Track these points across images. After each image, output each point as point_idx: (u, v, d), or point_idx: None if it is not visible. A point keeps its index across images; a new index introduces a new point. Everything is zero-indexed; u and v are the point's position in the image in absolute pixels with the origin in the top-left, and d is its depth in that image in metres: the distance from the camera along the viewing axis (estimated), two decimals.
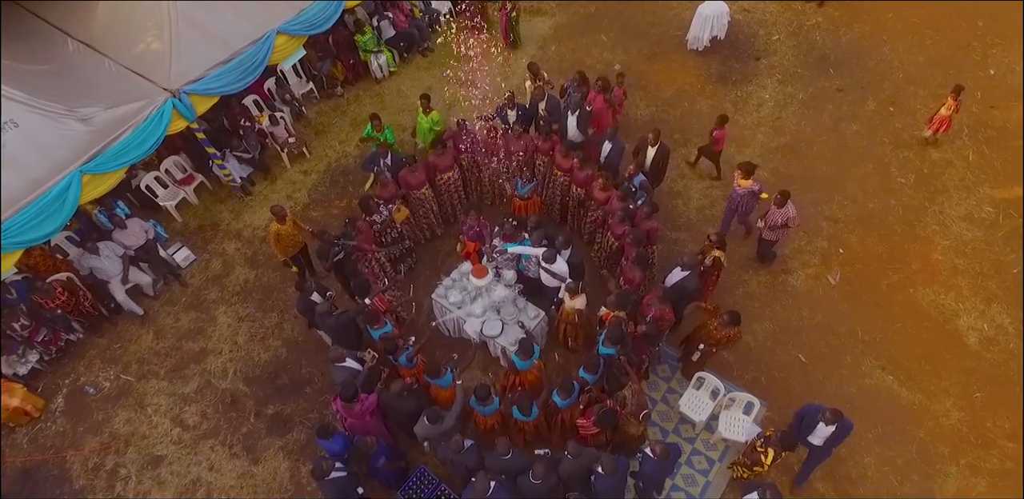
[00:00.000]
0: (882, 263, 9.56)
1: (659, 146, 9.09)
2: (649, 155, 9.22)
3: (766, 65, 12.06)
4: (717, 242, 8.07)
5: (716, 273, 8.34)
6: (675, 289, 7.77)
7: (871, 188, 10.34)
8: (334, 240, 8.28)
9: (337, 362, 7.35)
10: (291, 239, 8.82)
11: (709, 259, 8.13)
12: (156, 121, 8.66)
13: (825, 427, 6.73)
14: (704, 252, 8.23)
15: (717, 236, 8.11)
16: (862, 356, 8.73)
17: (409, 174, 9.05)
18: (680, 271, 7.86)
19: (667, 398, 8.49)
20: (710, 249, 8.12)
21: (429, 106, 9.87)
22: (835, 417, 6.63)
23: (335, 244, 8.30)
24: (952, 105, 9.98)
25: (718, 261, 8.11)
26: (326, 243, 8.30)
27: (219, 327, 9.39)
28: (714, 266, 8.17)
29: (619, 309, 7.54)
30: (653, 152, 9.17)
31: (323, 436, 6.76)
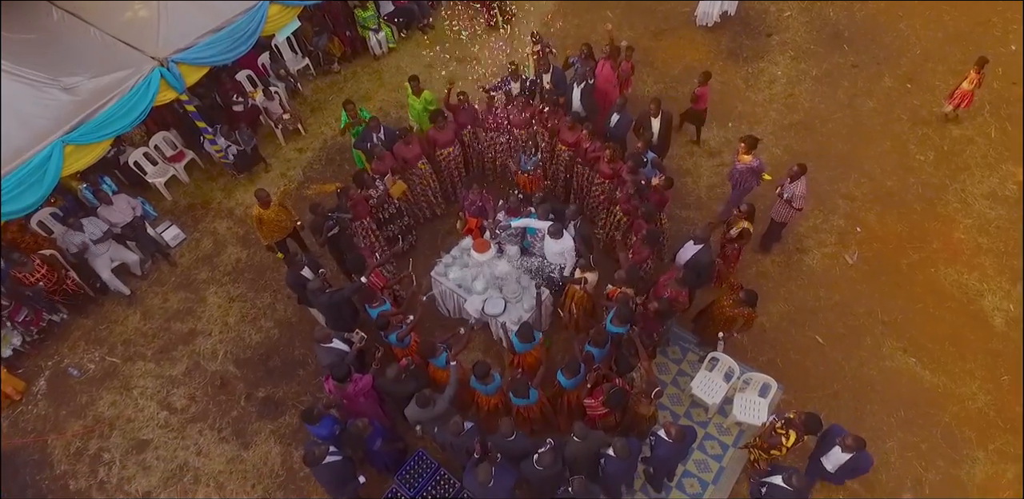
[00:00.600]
0: (902, 242, 9.15)
1: (662, 115, 8.74)
2: (655, 127, 8.85)
3: (778, 41, 11.64)
4: (747, 212, 7.67)
5: (740, 246, 7.93)
6: (689, 265, 7.36)
7: (889, 165, 9.92)
8: (328, 213, 7.89)
9: (323, 343, 6.93)
10: (276, 224, 8.37)
11: (736, 230, 7.73)
12: (143, 91, 8.26)
13: (841, 453, 6.12)
14: (731, 223, 7.82)
15: (748, 206, 7.71)
16: (882, 337, 8.32)
17: (404, 147, 8.64)
18: (693, 245, 7.46)
19: (678, 381, 8.09)
20: (738, 220, 7.71)
21: (419, 87, 9.34)
22: (856, 445, 5.98)
23: (329, 218, 7.91)
24: (975, 79, 9.56)
25: (746, 232, 7.71)
26: (320, 217, 7.91)
27: (209, 308, 9.01)
28: (741, 237, 7.77)
29: (627, 285, 7.13)
30: (658, 123, 8.80)
31: (309, 420, 6.35)
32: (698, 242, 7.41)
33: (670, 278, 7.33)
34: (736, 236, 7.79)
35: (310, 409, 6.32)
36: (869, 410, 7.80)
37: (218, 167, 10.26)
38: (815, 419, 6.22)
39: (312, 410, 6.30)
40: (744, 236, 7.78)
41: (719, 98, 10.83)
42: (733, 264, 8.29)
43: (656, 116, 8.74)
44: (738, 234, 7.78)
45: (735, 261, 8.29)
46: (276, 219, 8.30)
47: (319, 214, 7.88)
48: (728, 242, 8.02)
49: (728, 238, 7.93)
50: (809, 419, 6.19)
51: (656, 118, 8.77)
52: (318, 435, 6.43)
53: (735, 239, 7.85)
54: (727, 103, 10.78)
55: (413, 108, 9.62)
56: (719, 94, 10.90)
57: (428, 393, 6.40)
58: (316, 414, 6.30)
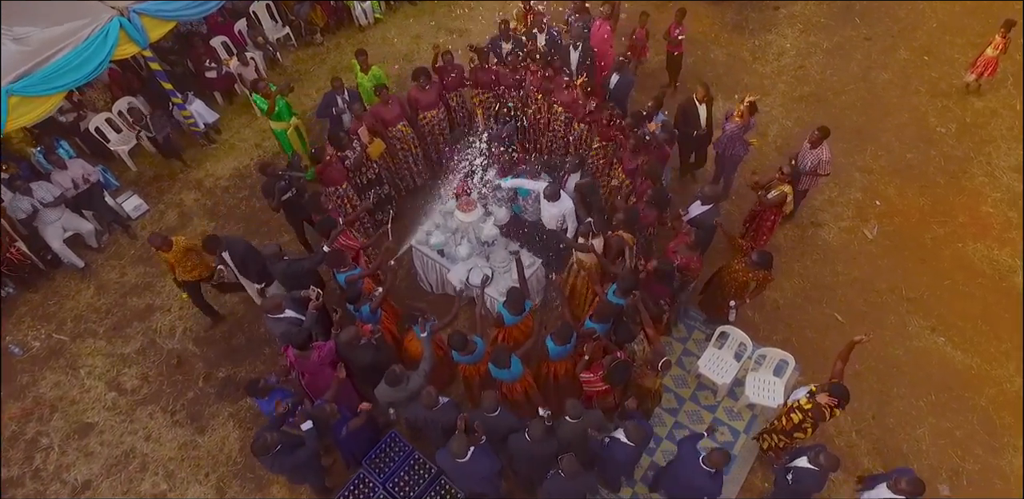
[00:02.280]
0: (924, 216, 8.43)
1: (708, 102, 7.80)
2: (702, 114, 7.82)
3: (786, 14, 11.03)
4: (789, 175, 6.96)
5: (777, 215, 7.19)
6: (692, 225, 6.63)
7: (908, 138, 9.24)
8: (279, 173, 7.16)
9: (272, 313, 6.10)
10: (188, 264, 7.05)
11: (774, 193, 7.00)
12: (100, 41, 7.57)
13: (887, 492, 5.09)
14: (769, 186, 7.08)
15: (791, 167, 7.00)
16: (907, 315, 7.56)
17: (382, 107, 7.95)
18: (700, 205, 6.73)
19: (683, 361, 7.30)
20: (780, 183, 6.99)
21: (367, 62, 8.65)
22: (911, 490, 4.93)
23: (281, 177, 7.17)
24: (1000, 44, 8.94)
25: (783, 197, 6.97)
26: (271, 177, 7.18)
27: (169, 282, 8.17)
28: (777, 202, 7.02)
29: (626, 229, 6.39)
30: (705, 110, 7.81)
31: (255, 393, 5.53)
32: (706, 202, 6.68)
33: (680, 243, 6.58)
34: (773, 202, 7.03)
35: (256, 380, 5.50)
36: (896, 393, 7.02)
37: (188, 136, 9.55)
38: (840, 387, 5.43)
39: (258, 381, 5.48)
40: (780, 202, 7.02)
41: (724, 70, 10.22)
42: (766, 236, 7.51)
43: (703, 102, 7.75)
44: (776, 200, 7.01)
45: (769, 233, 7.50)
46: (183, 261, 7.00)
47: (269, 174, 7.15)
48: (762, 210, 7.24)
49: (762, 205, 7.15)
50: (835, 387, 5.40)
51: (703, 105, 7.78)
52: (266, 412, 5.62)
53: (772, 206, 7.08)
54: (733, 75, 10.13)
55: (362, 86, 8.84)
56: (724, 66, 10.29)
57: (398, 370, 5.56)
58: (264, 386, 5.49)
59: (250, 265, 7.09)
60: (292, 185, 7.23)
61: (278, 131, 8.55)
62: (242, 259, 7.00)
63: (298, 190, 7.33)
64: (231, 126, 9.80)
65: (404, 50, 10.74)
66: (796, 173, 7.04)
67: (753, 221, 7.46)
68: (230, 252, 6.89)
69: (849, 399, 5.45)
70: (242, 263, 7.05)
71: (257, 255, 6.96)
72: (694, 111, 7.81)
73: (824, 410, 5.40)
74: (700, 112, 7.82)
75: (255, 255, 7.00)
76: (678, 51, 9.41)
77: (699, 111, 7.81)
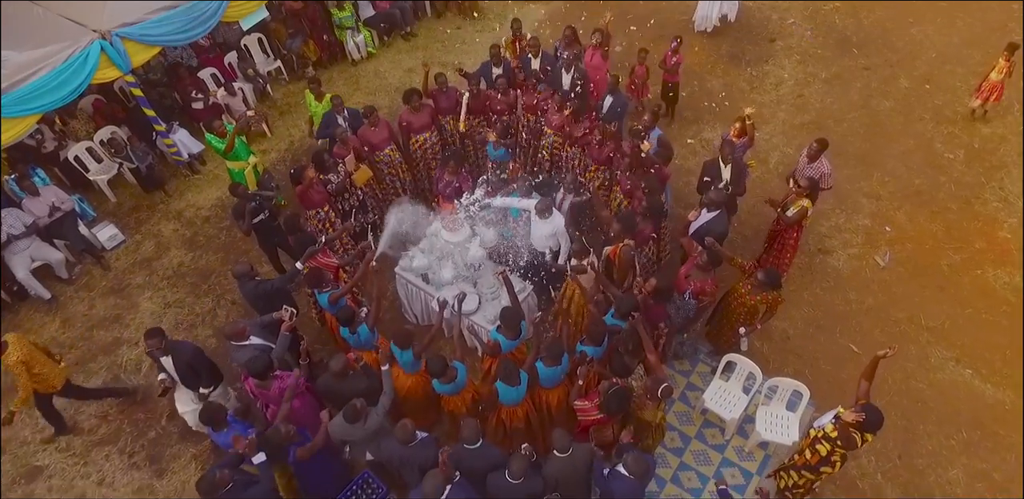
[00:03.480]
0: (939, 242, 7.99)
1: (733, 163, 7.02)
2: (725, 175, 7.01)
3: (782, 46, 10.91)
4: (807, 188, 6.54)
5: (798, 233, 6.77)
6: (698, 235, 6.19)
7: (915, 164, 8.90)
8: (250, 193, 6.82)
9: (236, 340, 5.62)
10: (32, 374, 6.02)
11: (794, 211, 6.58)
12: (79, 64, 7.38)
13: None
14: (786, 202, 6.67)
15: (809, 180, 6.58)
16: (929, 346, 7.02)
17: (369, 130, 7.67)
18: (706, 212, 6.32)
19: (687, 396, 6.72)
20: (797, 197, 6.58)
21: (320, 91, 8.42)
22: None
23: (252, 198, 6.81)
24: (1004, 67, 8.70)
25: (804, 213, 6.55)
26: (241, 197, 6.82)
27: (140, 314, 7.77)
28: (797, 219, 6.60)
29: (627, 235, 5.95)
30: (729, 172, 7.01)
31: (211, 423, 5.00)
32: (712, 208, 6.27)
33: (691, 267, 6.12)
34: (794, 219, 6.60)
35: (213, 408, 4.97)
36: (924, 431, 6.40)
37: (172, 167, 9.28)
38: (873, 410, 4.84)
39: (216, 409, 4.95)
40: (800, 217, 6.59)
41: (722, 100, 10.00)
42: (790, 255, 7.06)
43: (727, 163, 6.99)
44: (797, 217, 6.58)
45: (792, 252, 7.06)
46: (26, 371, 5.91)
47: (240, 195, 6.80)
48: (782, 229, 6.82)
49: (782, 223, 6.73)
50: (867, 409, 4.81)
51: (727, 166, 7.00)
52: (223, 444, 5.05)
53: (792, 223, 6.65)
54: (731, 104, 9.89)
55: (316, 115, 8.47)
56: (722, 96, 10.07)
57: (360, 404, 5.04)
58: (220, 415, 4.95)
59: (198, 372, 6.00)
60: (264, 207, 6.87)
61: (235, 171, 8.02)
62: (187, 366, 5.89)
63: (270, 212, 6.96)
64: (216, 157, 9.48)
65: (396, 83, 10.60)
66: (813, 186, 6.63)
67: (773, 242, 7.03)
68: (173, 358, 5.82)
69: (882, 423, 4.85)
70: (186, 371, 5.91)
71: (206, 361, 6.08)
72: (716, 171, 7.04)
73: (853, 434, 4.80)
74: (723, 173, 7.01)
75: (203, 361, 6.05)
76: (674, 80, 9.24)
77: (722, 172, 7.02)
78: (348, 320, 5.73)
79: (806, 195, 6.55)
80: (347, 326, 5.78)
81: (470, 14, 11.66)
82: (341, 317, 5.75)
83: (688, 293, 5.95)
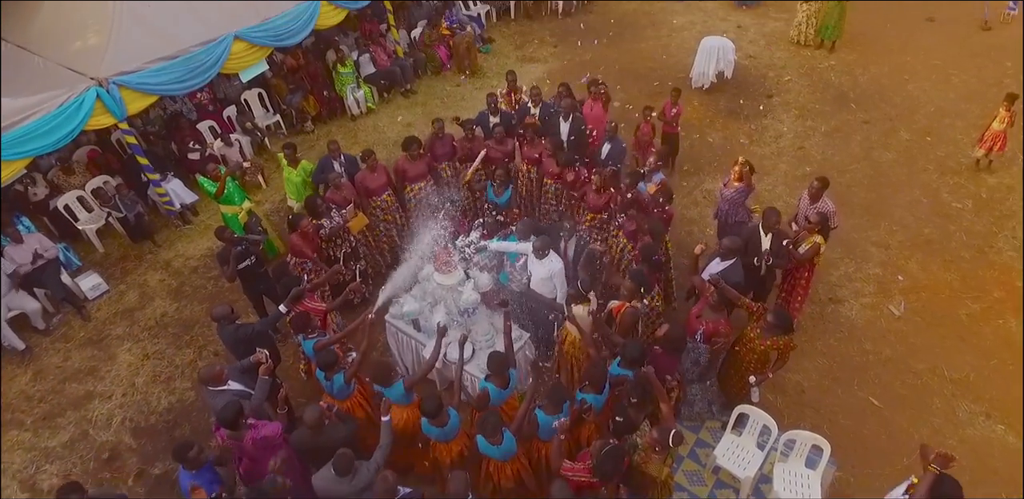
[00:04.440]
0: (955, 292, 7.66)
1: (775, 234, 6.40)
2: (765, 245, 6.43)
3: (780, 102, 10.97)
4: (818, 224, 6.28)
5: (811, 272, 6.48)
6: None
7: (923, 213, 8.69)
8: (236, 237, 6.58)
9: (213, 384, 5.24)
10: None
11: (805, 247, 6.30)
12: (73, 109, 7.35)
13: None
14: (797, 240, 6.39)
15: (819, 215, 6.33)
16: (954, 399, 6.55)
17: (368, 175, 7.54)
18: (719, 262, 6.03)
19: (696, 454, 6.21)
20: (808, 234, 6.31)
21: (295, 156, 7.94)
22: None
23: (237, 242, 6.57)
24: (1006, 117, 8.67)
25: (817, 249, 6.27)
26: (227, 241, 6.58)
27: (117, 366, 7.37)
28: (810, 256, 6.31)
29: (636, 297, 5.61)
30: (769, 241, 6.43)
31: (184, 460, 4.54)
32: (726, 258, 5.98)
33: (703, 307, 5.79)
34: (806, 256, 6.32)
35: (188, 444, 4.53)
36: None
37: (163, 217, 9.11)
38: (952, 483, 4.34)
39: (190, 446, 4.52)
40: (813, 254, 6.31)
41: (721, 152, 9.94)
42: (803, 295, 6.74)
43: (768, 231, 6.42)
44: (809, 254, 6.30)
45: (804, 292, 6.75)
46: None
47: (226, 239, 6.55)
48: (793, 268, 6.54)
49: (793, 261, 6.45)
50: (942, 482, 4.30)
51: (768, 235, 6.42)
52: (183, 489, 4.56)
53: (804, 260, 6.37)
54: (731, 157, 9.73)
55: (290, 182, 8.04)
56: (721, 149, 10.03)
57: (349, 455, 4.60)
58: (198, 454, 4.51)
59: None
60: (250, 252, 6.61)
61: (228, 216, 7.81)
62: None
63: (257, 258, 6.69)
64: (210, 208, 9.38)
65: (394, 137, 10.57)
66: (824, 221, 6.38)
67: (785, 281, 6.72)
68: None
69: None
70: None
71: None
72: (756, 241, 6.44)
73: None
74: (763, 242, 6.44)
75: None
76: (674, 132, 9.20)
77: (762, 241, 6.45)
78: (328, 365, 5.36)
79: (817, 231, 6.29)
80: (325, 371, 5.40)
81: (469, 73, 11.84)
82: (321, 360, 5.38)
83: (700, 334, 5.58)
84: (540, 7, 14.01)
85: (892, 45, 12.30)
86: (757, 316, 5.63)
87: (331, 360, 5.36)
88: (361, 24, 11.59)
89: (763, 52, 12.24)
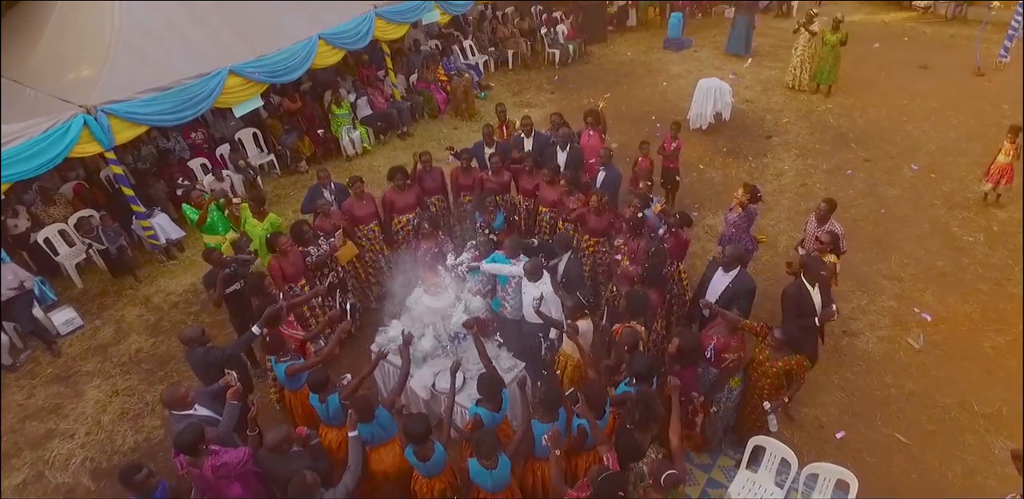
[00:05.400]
0: (976, 324, 7.24)
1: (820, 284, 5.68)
2: (816, 299, 5.65)
3: (779, 142, 10.89)
4: (830, 244, 5.93)
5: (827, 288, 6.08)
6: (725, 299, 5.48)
7: (934, 247, 8.38)
8: (224, 260, 6.26)
9: (178, 408, 4.78)
10: None
11: None
12: (58, 135, 7.20)
13: None
14: None
15: (830, 234, 5.97)
16: (988, 435, 6.02)
17: (356, 203, 7.30)
18: (723, 274, 5.66)
19: (708, 495, 5.62)
20: (821, 254, 5.97)
21: (263, 210, 7.18)
22: None
23: (226, 264, 6.24)
24: (1011, 150, 8.51)
25: (833, 270, 5.91)
26: (215, 263, 6.25)
27: (83, 403, 6.86)
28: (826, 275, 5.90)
29: (634, 317, 5.21)
30: (818, 294, 5.67)
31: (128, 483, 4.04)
32: (729, 268, 5.63)
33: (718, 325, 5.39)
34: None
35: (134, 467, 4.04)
36: None
37: (147, 253, 8.82)
38: None
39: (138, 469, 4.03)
40: (831, 277, 5.92)
41: (723, 189, 9.74)
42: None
43: (815, 283, 5.66)
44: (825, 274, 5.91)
45: None
46: None
47: (214, 260, 6.23)
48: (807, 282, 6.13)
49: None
50: None
51: (815, 287, 5.67)
52: None
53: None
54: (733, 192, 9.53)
55: (254, 235, 7.17)
56: (722, 185, 9.84)
57: (311, 478, 4.10)
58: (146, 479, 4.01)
59: None
60: (239, 275, 6.25)
61: (211, 246, 7.17)
62: None
63: (246, 282, 6.32)
64: (196, 245, 9.07)
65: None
66: (835, 239, 6.03)
67: None
68: None
69: None
70: None
71: None
72: (806, 296, 5.63)
73: None
74: (813, 296, 5.63)
75: None
76: (674, 166, 9.03)
77: (812, 295, 5.64)
78: (319, 385, 4.90)
79: (829, 251, 5.95)
80: (317, 392, 4.94)
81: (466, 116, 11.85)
82: (312, 381, 4.92)
83: (711, 349, 5.16)
84: (537, 57, 14.25)
85: (888, 90, 12.38)
86: (762, 335, 5.22)
87: (322, 379, 4.91)
88: (359, 70, 11.70)
89: (760, 97, 12.30)
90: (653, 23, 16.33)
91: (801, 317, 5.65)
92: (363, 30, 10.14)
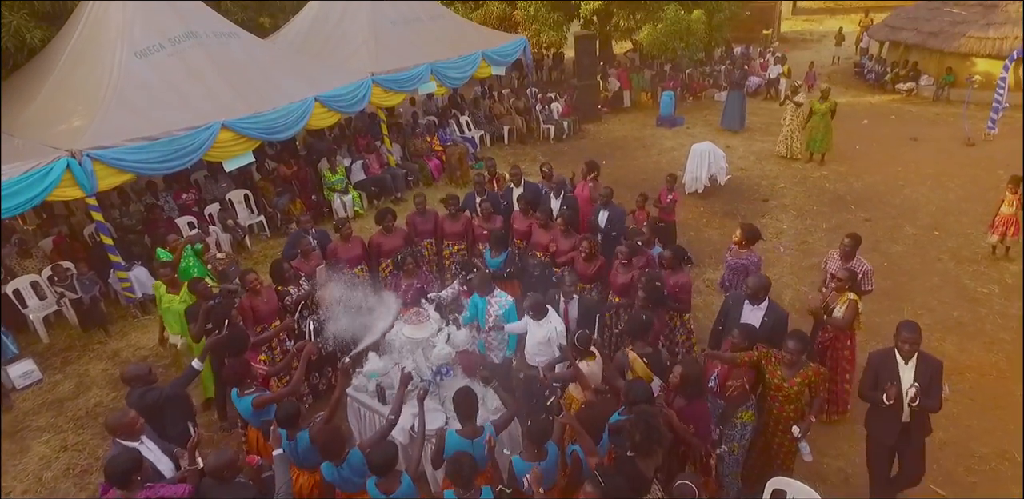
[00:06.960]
0: (1003, 373, 6.72)
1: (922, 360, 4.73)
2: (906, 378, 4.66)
3: (776, 204, 10.77)
4: (847, 281, 5.54)
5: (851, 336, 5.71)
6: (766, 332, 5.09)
7: (947, 298, 8.00)
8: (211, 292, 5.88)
9: (125, 436, 4.21)
10: None
11: (840, 308, 5.55)
12: (38, 177, 7.06)
13: None
14: (828, 304, 5.65)
15: (847, 271, 5.60)
16: None
17: (342, 245, 7.03)
18: (750, 306, 5.25)
19: None
20: (840, 293, 5.58)
21: (175, 279, 6.53)
22: None
23: (214, 297, 5.85)
24: (1014, 200, 8.34)
25: (854, 308, 5.51)
26: (202, 295, 5.86)
27: (28, 460, 6.20)
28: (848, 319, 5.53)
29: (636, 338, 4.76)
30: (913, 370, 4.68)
31: None
32: (756, 300, 5.23)
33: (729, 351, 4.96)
34: (847, 318, 5.52)
35: None
36: None
37: (121, 307, 8.41)
38: None
39: None
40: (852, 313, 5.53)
41: (720, 246, 9.44)
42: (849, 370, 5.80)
43: (908, 359, 4.67)
44: (847, 317, 5.51)
45: (851, 364, 5.80)
46: None
47: (199, 291, 5.85)
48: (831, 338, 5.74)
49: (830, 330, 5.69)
50: None
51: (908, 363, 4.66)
52: None
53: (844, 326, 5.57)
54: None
55: (170, 312, 6.41)
56: (720, 243, 9.57)
57: None
58: None
59: None
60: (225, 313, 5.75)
61: (171, 326, 6.63)
62: None
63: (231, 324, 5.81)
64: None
65: None
66: (853, 277, 5.62)
67: (825, 354, 5.81)
68: None
69: None
70: None
71: None
72: (892, 369, 4.61)
73: None
74: (905, 373, 4.58)
75: None
76: (670, 219, 8.82)
77: (901, 370, 4.59)
78: (289, 419, 4.35)
79: (848, 289, 5.56)
80: (287, 428, 4.38)
81: (460, 183, 11.85)
82: (281, 415, 4.36)
83: (714, 377, 4.65)
84: (532, 133, 14.52)
85: (881, 159, 12.46)
86: (767, 360, 4.74)
87: (292, 412, 4.36)
88: (356, 139, 11.84)
89: (754, 165, 12.35)
90: (646, 105, 16.83)
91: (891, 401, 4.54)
92: (359, 95, 10.34)
